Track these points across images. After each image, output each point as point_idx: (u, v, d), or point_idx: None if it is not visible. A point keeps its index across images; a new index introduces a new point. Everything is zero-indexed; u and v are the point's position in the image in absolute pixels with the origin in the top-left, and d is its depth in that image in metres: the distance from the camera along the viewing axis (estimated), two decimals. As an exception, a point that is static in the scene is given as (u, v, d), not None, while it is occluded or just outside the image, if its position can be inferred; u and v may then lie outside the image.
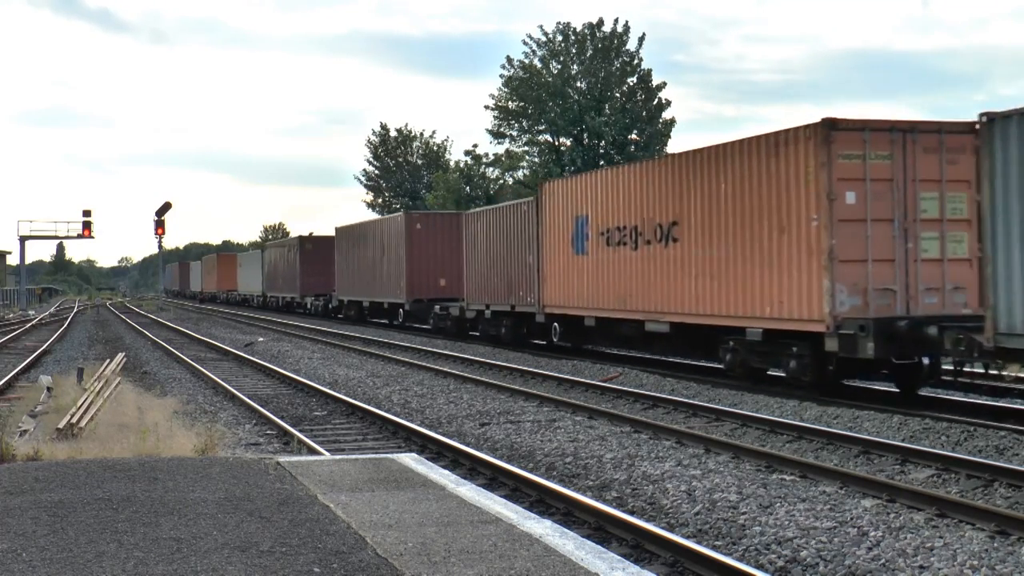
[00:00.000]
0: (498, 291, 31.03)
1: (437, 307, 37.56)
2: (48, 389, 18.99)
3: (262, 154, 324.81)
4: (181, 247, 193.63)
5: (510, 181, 64.80)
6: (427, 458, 11.07)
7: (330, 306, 53.38)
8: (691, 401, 17.41)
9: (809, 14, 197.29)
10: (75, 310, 72.14)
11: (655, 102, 60.48)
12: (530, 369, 23.57)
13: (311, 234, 62.39)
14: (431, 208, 64.78)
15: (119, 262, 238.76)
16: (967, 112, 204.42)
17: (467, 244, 33.52)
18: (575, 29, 61.11)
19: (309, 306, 58.17)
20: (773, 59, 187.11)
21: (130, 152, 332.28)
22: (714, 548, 8.73)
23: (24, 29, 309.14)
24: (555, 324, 27.78)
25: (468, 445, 13.82)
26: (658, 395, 18.27)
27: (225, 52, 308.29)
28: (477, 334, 34.24)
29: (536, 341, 30.39)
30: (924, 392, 17.74)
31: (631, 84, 60.82)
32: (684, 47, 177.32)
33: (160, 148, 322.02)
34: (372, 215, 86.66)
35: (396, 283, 41.07)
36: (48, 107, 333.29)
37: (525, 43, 62.13)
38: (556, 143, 62.45)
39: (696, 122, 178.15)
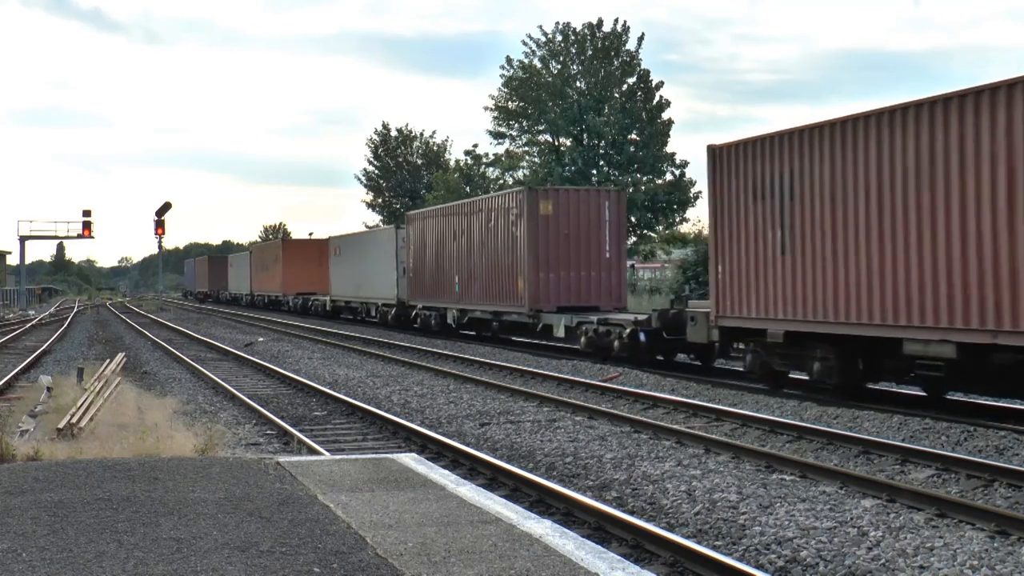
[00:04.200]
0: None
1: None
2: (48, 389, 18.99)
3: (260, 154, 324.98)
4: (181, 247, 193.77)
5: (510, 181, 64.78)
6: (427, 458, 11.07)
7: (692, 343, 22.16)
8: (691, 401, 17.41)
9: (802, 14, 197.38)
10: (75, 310, 72.13)
11: (654, 102, 60.52)
12: (530, 369, 23.57)
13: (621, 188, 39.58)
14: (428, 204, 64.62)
15: (119, 262, 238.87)
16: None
17: None
18: (575, 29, 61.16)
19: (624, 338, 24.25)
20: (766, 59, 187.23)
21: (128, 152, 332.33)
22: (714, 548, 8.73)
23: (18, 29, 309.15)
24: None
25: (468, 445, 13.82)
26: (658, 395, 18.27)
27: (218, 52, 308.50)
28: None
29: None
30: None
31: (630, 84, 60.85)
32: (677, 47, 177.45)
33: (158, 148, 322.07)
34: (373, 216, 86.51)
35: None
36: (44, 107, 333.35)
37: (525, 43, 62.23)
38: (556, 143, 62.46)
39: (691, 122, 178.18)
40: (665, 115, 60.83)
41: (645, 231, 61.33)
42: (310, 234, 64.48)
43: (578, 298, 28.79)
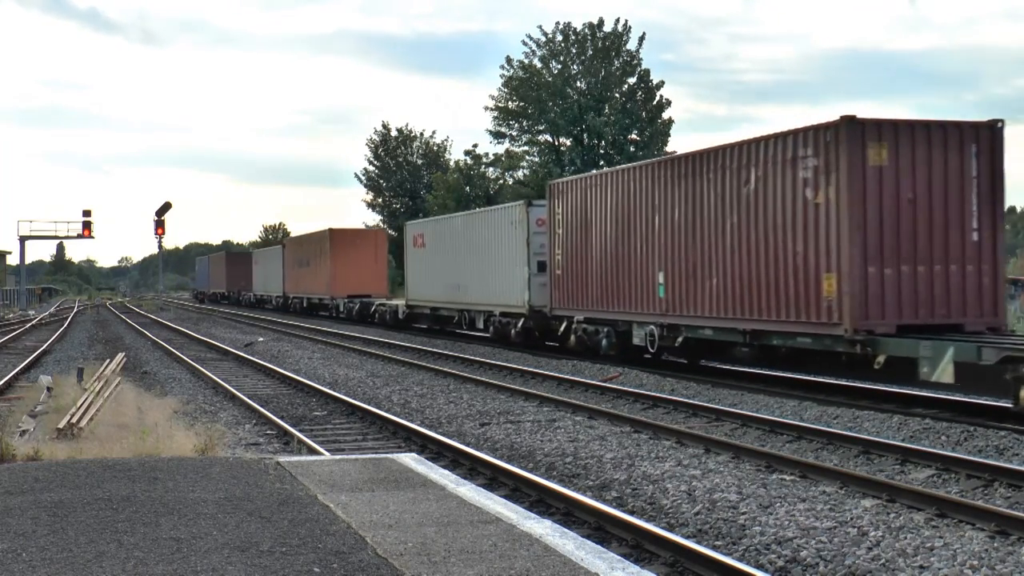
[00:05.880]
0: None
1: None
2: (48, 389, 19.00)
3: (259, 154, 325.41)
4: (181, 247, 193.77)
5: (510, 181, 64.77)
6: (427, 458, 11.07)
7: None
8: (691, 401, 17.41)
9: (797, 13, 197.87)
10: (75, 310, 72.11)
11: (655, 102, 60.55)
12: (530, 369, 23.57)
13: None
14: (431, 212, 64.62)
15: (119, 262, 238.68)
16: (961, 112, 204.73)
17: None
18: (575, 29, 61.19)
19: None
20: (763, 59, 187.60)
21: (127, 152, 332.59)
22: (714, 548, 8.73)
23: (15, 29, 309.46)
24: None
25: (468, 445, 13.82)
26: (658, 395, 18.27)
27: (214, 52, 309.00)
28: None
29: None
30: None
31: (631, 84, 60.89)
32: (672, 47, 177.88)
33: (157, 148, 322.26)
34: (373, 215, 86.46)
35: None
36: (42, 107, 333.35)
37: (525, 43, 62.26)
38: (556, 143, 62.48)
39: (688, 122, 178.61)
40: (665, 115, 60.88)
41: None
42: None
43: (930, 310, 17.24)
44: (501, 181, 66.05)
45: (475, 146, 71.00)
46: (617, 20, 62.58)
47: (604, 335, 24.74)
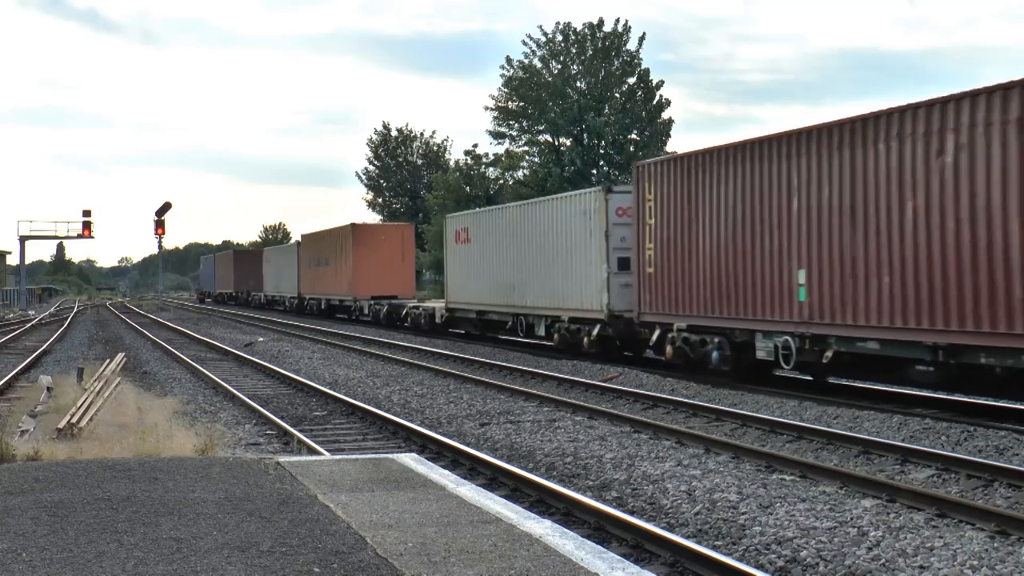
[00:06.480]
0: None
1: None
2: (48, 389, 18.99)
3: (259, 154, 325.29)
4: (181, 247, 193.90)
5: (510, 181, 64.79)
6: (427, 458, 11.07)
7: None
8: (691, 401, 17.42)
9: (796, 13, 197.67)
10: (75, 310, 72.12)
11: (655, 102, 60.58)
12: (530, 369, 23.57)
13: None
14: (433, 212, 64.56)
15: (119, 262, 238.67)
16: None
17: None
18: (575, 29, 61.21)
19: None
20: (762, 59, 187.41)
21: (127, 152, 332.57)
22: (714, 548, 8.73)
23: (14, 29, 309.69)
24: None
25: (468, 445, 13.82)
26: (658, 395, 18.28)
27: (214, 52, 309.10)
28: None
29: None
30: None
31: (630, 84, 60.92)
32: (672, 46, 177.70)
33: (157, 148, 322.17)
34: (373, 215, 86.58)
35: None
36: (42, 107, 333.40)
37: (525, 43, 62.30)
38: (556, 143, 62.50)
39: (688, 122, 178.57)
40: (665, 115, 60.91)
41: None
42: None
43: None
44: (501, 181, 66.07)
45: (475, 146, 71.13)
46: (617, 20, 62.68)
47: (715, 346, 20.31)
